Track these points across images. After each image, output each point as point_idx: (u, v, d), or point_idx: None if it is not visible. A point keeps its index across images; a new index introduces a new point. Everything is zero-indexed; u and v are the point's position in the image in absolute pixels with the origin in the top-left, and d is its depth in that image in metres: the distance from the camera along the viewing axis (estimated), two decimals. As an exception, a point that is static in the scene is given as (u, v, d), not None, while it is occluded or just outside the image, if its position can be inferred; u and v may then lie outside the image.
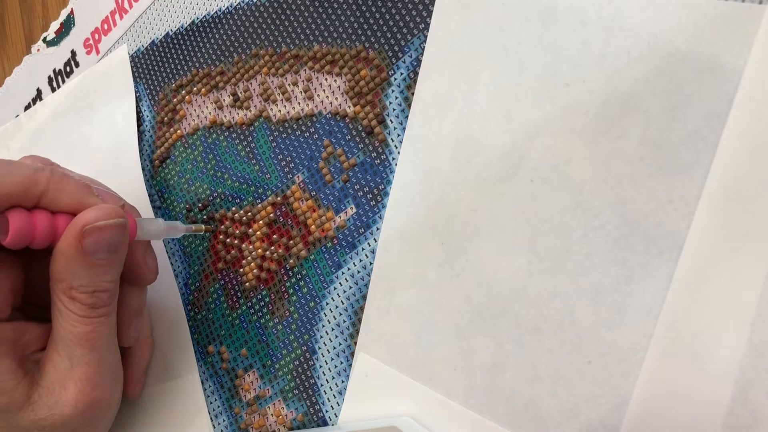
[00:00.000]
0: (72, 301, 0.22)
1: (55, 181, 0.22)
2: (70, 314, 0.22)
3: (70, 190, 0.22)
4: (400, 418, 0.23)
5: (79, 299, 0.22)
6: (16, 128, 0.39)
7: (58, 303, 0.22)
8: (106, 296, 0.23)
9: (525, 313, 0.21)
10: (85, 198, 0.22)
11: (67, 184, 0.22)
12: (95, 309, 0.22)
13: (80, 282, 0.22)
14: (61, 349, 0.22)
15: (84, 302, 0.22)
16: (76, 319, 0.22)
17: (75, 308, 0.22)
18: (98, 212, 0.22)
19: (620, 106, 0.20)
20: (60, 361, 0.22)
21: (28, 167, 0.22)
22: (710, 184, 0.18)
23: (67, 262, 0.21)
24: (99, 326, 0.23)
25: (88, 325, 0.22)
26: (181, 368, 0.29)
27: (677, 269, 0.19)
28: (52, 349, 0.23)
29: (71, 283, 0.22)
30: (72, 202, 0.22)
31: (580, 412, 0.20)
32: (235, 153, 0.29)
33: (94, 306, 0.22)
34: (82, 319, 0.22)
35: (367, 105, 0.25)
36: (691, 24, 0.19)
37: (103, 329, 0.23)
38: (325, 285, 0.26)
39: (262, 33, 0.29)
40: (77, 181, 0.23)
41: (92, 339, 0.22)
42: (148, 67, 0.33)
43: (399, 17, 0.25)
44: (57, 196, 0.22)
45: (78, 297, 0.22)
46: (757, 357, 0.17)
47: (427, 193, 0.24)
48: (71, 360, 0.22)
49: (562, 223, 0.21)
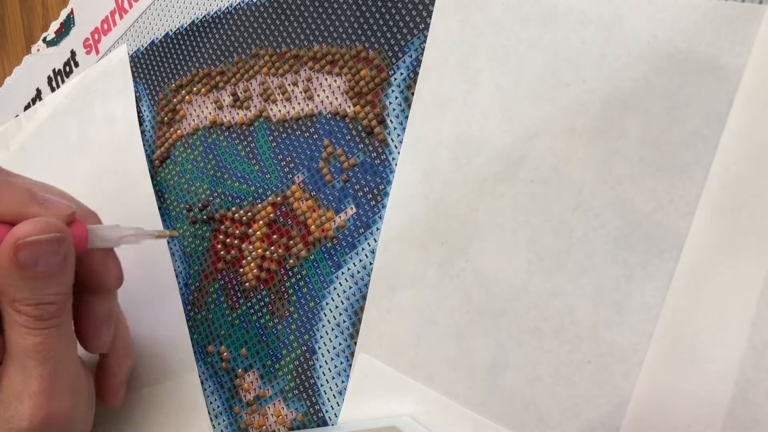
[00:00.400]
0: (17, 313, 0.21)
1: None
2: (16, 326, 0.21)
3: (8, 199, 0.21)
4: (400, 418, 0.23)
5: (24, 312, 0.21)
6: (15, 128, 0.39)
7: (5, 315, 0.21)
8: (52, 308, 0.22)
9: (525, 313, 0.21)
10: (25, 207, 0.21)
11: (7, 192, 0.21)
12: (42, 321, 0.21)
13: (22, 294, 0.21)
14: (16, 362, 0.22)
15: (29, 314, 0.21)
16: (24, 331, 0.21)
17: (21, 320, 0.21)
18: (33, 226, 0.21)
19: (620, 106, 0.20)
20: (14, 374, 0.22)
21: None
22: (710, 184, 0.18)
23: (5, 275, 0.21)
24: (49, 338, 0.22)
25: (36, 337, 0.21)
26: (181, 368, 0.29)
27: (677, 269, 0.19)
28: (8, 362, 0.22)
29: (14, 296, 0.21)
30: (11, 211, 0.21)
31: (580, 412, 0.20)
32: (235, 153, 0.29)
33: (41, 318, 0.21)
34: (30, 330, 0.21)
35: (367, 105, 0.25)
36: (691, 24, 0.19)
37: (54, 340, 0.22)
38: (325, 285, 0.26)
39: (262, 33, 0.29)
40: (19, 188, 0.22)
41: (42, 351, 0.22)
42: (148, 67, 0.33)
43: (399, 17, 0.25)
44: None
45: (23, 309, 0.21)
46: (757, 357, 0.17)
47: (427, 193, 0.24)
48: (24, 372, 0.21)
49: (562, 223, 0.21)
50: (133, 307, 0.30)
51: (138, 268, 0.30)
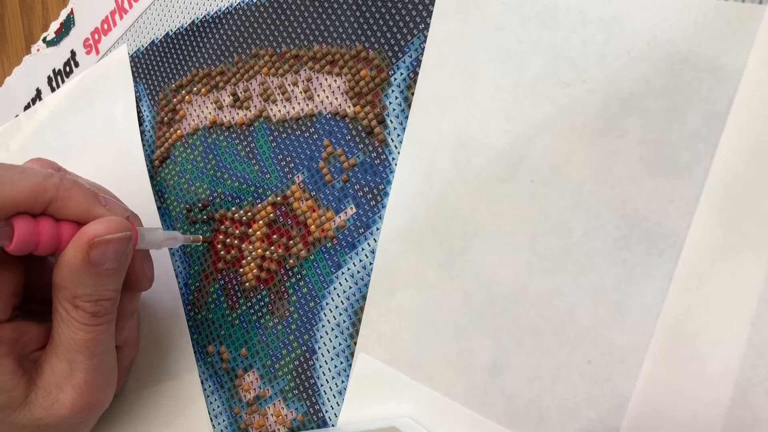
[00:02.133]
0: (75, 309, 0.22)
1: (64, 189, 0.22)
2: (72, 322, 0.22)
3: (78, 199, 0.22)
4: (400, 418, 0.23)
5: (83, 308, 0.22)
6: (15, 128, 0.39)
7: (61, 310, 0.22)
8: (108, 304, 0.23)
9: (525, 313, 0.21)
10: (92, 208, 0.22)
11: (76, 192, 0.22)
12: (98, 317, 0.23)
13: (84, 291, 0.22)
14: (61, 354, 0.23)
15: (87, 311, 0.22)
16: (78, 327, 0.22)
17: (78, 316, 0.22)
18: (106, 225, 0.22)
19: (620, 106, 0.20)
20: (59, 365, 0.23)
21: (38, 174, 0.21)
22: (710, 184, 0.18)
23: (72, 272, 0.22)
24: (100, 334, 0.23)
25: (89, 333, 0.22)
26: (181, 368, 0.29)
27: (677, 269, 0.19)
28: (51, 352, 0.23)
29: (75, 292, 0.22)
30: (79, 212, 0.22)
31: (580, 412, 0.20)
32: (235, 153, 0.29)
33: (97, 314, 0.22)
34: (84, 327, 0.22)
35: (367, 105, 0.25)
36: (691, 24, 0.19)
37: (103, 337, 0.23)
38: (325, 285, 0.26)
39: (262, 33, 0.29)
40: (86, 190, 0.23)
41: (92, 346, 0.23)
42: (148, 67, 0.33)
43: (399, 17, 0.25)
44: (65, 204, 0.22)
45: (82, 305, 0.22)
46: (757, 357, 0.17)
47: (427, 193, 0.24)
48: (70, 365, 0.23)
49: (562, 223, 0.21)
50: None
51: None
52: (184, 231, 0.31)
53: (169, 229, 0.31)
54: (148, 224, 0.31)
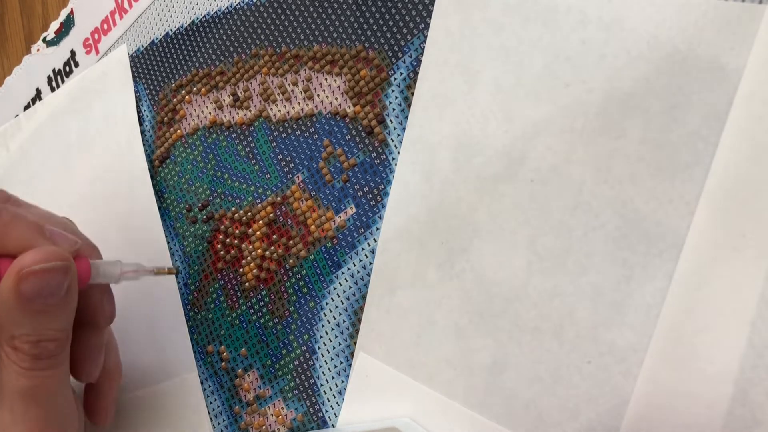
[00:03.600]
0: (14, 351, 0.20)
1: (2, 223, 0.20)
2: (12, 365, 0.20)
3: (17, 233, 0.21)
4: (400, 419, 0.23)
5: (22, 349, 0.20)
6: (15, 128, 0.39)
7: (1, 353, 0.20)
8: (53, 346, 0.21)
9: (525, 313, 0.21)
10: (33, 241, 0.21)
11: (16, 225, 0.21)
12: (40, 360, 0.20)
13: (22, 331, 0.20)
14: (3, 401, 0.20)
15: (27, 353, 0.20)
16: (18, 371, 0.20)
17: (17, 359, 0.20)
18: (37, 255, 0.20)
19: (620, 106, 0.20)
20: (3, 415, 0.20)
21: None
22: (710, 184, 0.18)
23: (6, 309, 0.20)
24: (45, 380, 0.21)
25: (32, 379, 0.20)
26: (181, 368, 0.29)
27: (677, 269, 0.19)
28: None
29: (12, 332, 0.20)
30: (19, 245, 0.20)
31: (580, 412, 0.20)
32: (235, 153, 0.29)
33: (39, 357, 0.20)
34: (25, 371, 0.20)
35: (367, 105, 0.25)
36: (691, 24, 0.19)
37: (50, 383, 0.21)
38: (325, 285, 0.26)
39: (262, 33, 0.29)
40: (28, 223, 0.21)
41: (36, 394, 0.20)
42: (148, 67, 0.33)
43: (399, 17, 0.25)
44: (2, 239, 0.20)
45: (20, 347, 0.20)
46: (757, 357, 0.17)
47: (427, 193, 0.24)
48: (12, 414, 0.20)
49: (562, 223, 0.21)
50: (133, 307, 0.30)
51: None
52: (184, 231, 0.31)
53: (170, 233, 0.31)
54: (148, 225, 0.31)
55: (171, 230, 0.31)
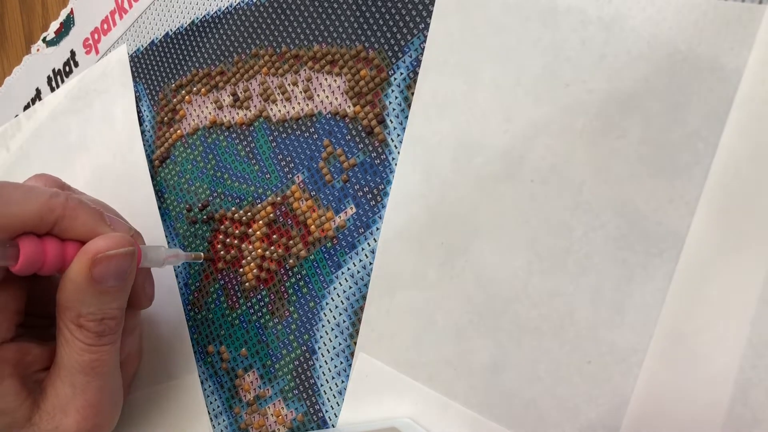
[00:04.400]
0: (79, 329, 0.22)
1: (69, 209, 0.21)
2: (76, 342, 0.22)
3: (83, 219, 0.22)
4: (400, 419, 0.23)
5: (87, 327, 0.22)
6: (15, 128, 0.39)
7: (65, 331, 0.22)
8: (113, 323, 0.22)
9: (525, 313, 0.21)
10: (97, 227, 0.22)
11: (81, 212, 0.22)
12: (102, 337, 0.22)
13: (89, 310, 0.22)
14: (64, 376, 0.22)
15: (92, 330, 0.22)
16: (82, 347, 0.22)
17: (82, 336, 0.22)
18: (108, 241, 0.21)
19: (620, 106, 0.20)
20: (62, 387, 0.22)
21: (44, 194, 0.21)
22: (710, 184, 0.18)
23: (76, 290, 0.21)
24: (104, 354, 0.22)
25: (94, 354, 0.22)
26: (181, 368, 0.29)
27: (677, 269, 0.19)
28: (54, 374, 0.22)
29: (80, 311, 0.22)
30: (84, 231, 0.22)
31: (580, 412, 0.20)
32: (235, 153, 0.29)
33: (102, 334, 0.22)
34: (89, 347, 0.22)
35: (367, 105, 0.25)
36: (691, 24, 0.19)
37: (108, 357, 0.23)
38: (325, 285, 0.26)
39: (262, 33, 0.29)
40: (91, 209, 0.22)
41: (97, 367, 0.22)
42: (148, 67, 0.33)
43: (399, 17, 0.25)
44: (71, 224, 0.22)
45: (86, 325, 0.22)
46: (757, 357, 0.17)
47: (427, 193, 0.24)
48: (74, 387, 0.22)
49: (562, 223, 0.21)
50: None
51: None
52: (185, 231, 0.31)
53: (170, 233, 0.31)
54: (148, 225, 0.31)
55: (171, 230, 0.31)
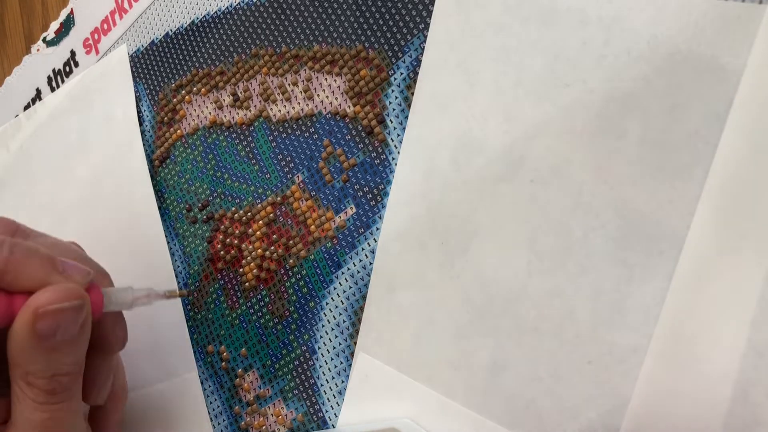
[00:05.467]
0: (29, 386, 0.20)
1: (14, 261, 0.20)
2: (27, 400, 0.20)
3: (30, 269, 0.20)
4: (400, 419, 0.23)
5: (37, 385, 0.20)
6: (15, 128, 0.39)
7: (15, 388, 0.20)
8: (66, 380, 0.21)
9: (525, 313, 0.21)
10: (47, 277, 0.21)
11: (29, 261, 0.20)
12: (55, 395, 0.21)
13: (37, 367, 0.20)
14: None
15: (42, 388, 0.20)
16: (33, 406, 0.20)
17: (32, 394, 0.20)
18: (52, 294, 0.20)
19: (620, 106, 0.20)
20: None
21: None
22: (710, 184, 0.18)
23: (21, 348, 0.20)
24: (57, 413, 0.21)
25: (45, 413, 0.20)
26: (181, 368, 0.29)
27: (677, 269, 0.19)
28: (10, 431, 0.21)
29: (27, 369, 0.20)
30: (33, 282, 0.20)
31: (580, 412, 0.20)
32: (235, 153, 0.29)
33: (53, 392, 0.20)
34: (40, 406, 0.20)
35: (367, 105, 0.25)
36: (691, 24, 0.19)
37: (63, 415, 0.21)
38: (325, 285, 0.26)
39: (262, 33, 0.29)
40: (41, 257, 0.21)
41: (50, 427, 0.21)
42: (148, 67, 0.33)
43: (399, 17, 0.25)
44: (16, 276, 0.20)
45: (35, 383, 0.20)
46: (757, 357, 0.17)
47: (427, 193, 0.24)
48: None
49: (562, 223, 0.21)
50: (133, 307, 0.30)
51: (137, 268, 0.30)
52: (184, 231, 0.31)
53: (170, 233, 0.31)
54: (148, 224, 0.31)
55: (171, 230, 0.31)
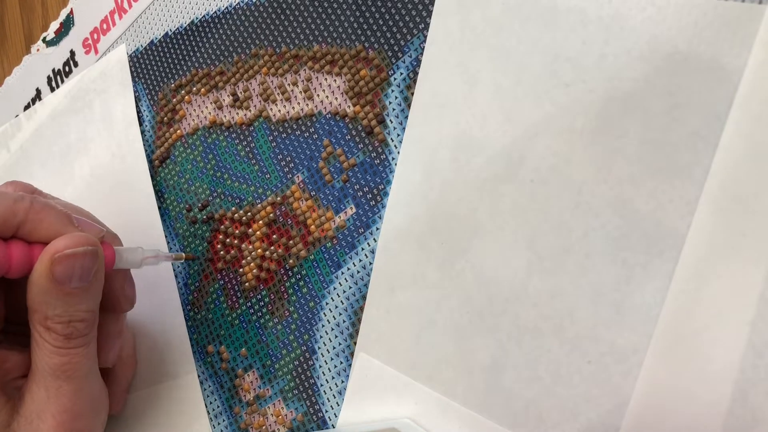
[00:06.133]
0: (47, 331, 0.22)
1: (34, 212, 0.21)
2: (45, 345, 0.22)
3: (48, 221, 0.22)
4: (400, 419, 0.23)
5: (54, 329, 0.21)
6: (15, 128, 0.39)
7: (35, 333, 0.22)
8: (82, 326, 0.22)
9: (525, 313, 0.21)
10: (63, 229, 0.22)
11: (47, 214, 0.22)
12: (71, 339, 0.22)
13: (55, 312, 0.21)
14: (38, 380, 0.22)
15: (59, 332, 0.22)
16: (51, 350, 0.22)
17: (50, 339, 0.22)
18: (68, 240, 0.21)
19: (620, 106, 0.20)
20: (37, 392, 0.22)
21: (8, 197, 0.21)
22: (710, 184, 0.18)
23: (40, 292, 0.21)
24: (75, 357, 0.22)
25: (63, 356, 0.22)
26: (181, 368, 0.29)
27: (677, 269, 0.19)
28: (30, 378, 0.22)
29: (46, 313, 0.21)
30: (50, 233, 0.22)
31: (580, 412, 0.20)
32: (235, 153, 0.29)
33: (70, 336, 0.22)
34: (58, 350, 0.22)
35: (367, 105, 0.25)
36: (691, 24, 0.19)
37: (80, 359, 0.22)
38: (325, 285, 0.26)
39: (262, 33, 0.29)
40: (58, 211, 0.22)
41: (68, 370, 0.22)
42: (148, 67, 0.33)
43: (399, 17, 0.25)
44: (35, 227, 0.21)
45: (53, 327, 0.21)
46: (757, 357, 0.17)
47: (427, 193, 0.24)
48: (47, 391, 0.22)
49: (562, 223, 0.21)
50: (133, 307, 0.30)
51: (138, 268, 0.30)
52: (185, 231, 0.31)
53: (170, 233, 0.31)
54: (148, 225, 0.31)
55: (171, 230, 0.31)
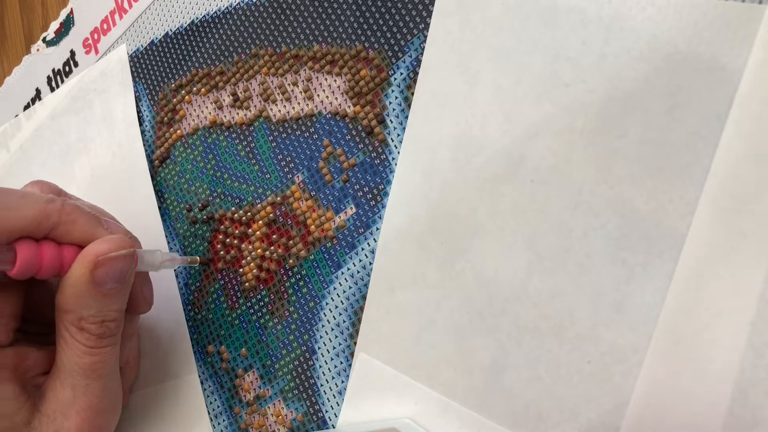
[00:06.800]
0: (81, 332, 0.22)
1: (66, 214, 0.22)
2: (77, 344, 0.22)
3: (80, 223, 0.22)
4: (400, 419, 0.23)
5: (89, 329, 0.22)
6: (15, 128, 0.39)
7: (65, 334, 0.22)
8: (113, 325, 0.23)
9: (525, 313, 0.21)
10: (95, 231, 0.22)
11: (79, 216, 0.22)
12: (103, 339, 0.22)
13: (90, 312, 0.22)
14: (64, 379, 0.22)
15: (93, 332, 0.22)
16: (83, 350, 0.22)
17: (83, 339, 0.22)
18: (109, 243, 0.22)
19: (620, 106, 0.20)
20: (62, 391, 0.22)
21: (40, 199, 0.22)
22: (710, 184, 0.18)
23: (77, 293, 0.22)
24: (105, 356, 0.23)
25: (95, 356, 0.22)
26: (181, 368, 0.29)
27: (677, 269, 0.19)
28: (54, 377, 0.23)
29: (81, 314, 0.22)
30: (82, 235, 0.22)
31: (580, 412, 0.20)
32: (235, 153, 0.29)
33: (102, 336, 0.22)
34: (90, 349, 0.22)
35: (367, 105, 0.25)
36: (691, 24, 0.19)
37: (108, 359, 0.23)
38: (325, 285, 0.26)
39: (262, 33, 0.29)
40: (88, 213, 0.23)
41: (98, 369, 0.23)
42: (148, 67, 0.33)
43: (399, 17, 0.25)
44: (68, 229, 0.22)
45: (87, 327, 0.22)
46: (757, 357, 0.17)
47: (427, 193, 0.24)
48: (74, 390, 0.22)
49: (562, 223, 0.21)
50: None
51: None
52: (185, 231, 0.31)
53: (170, 233, 0.31)
54: (148, 225, 0.31)
55: (171, 230, 0.31)
